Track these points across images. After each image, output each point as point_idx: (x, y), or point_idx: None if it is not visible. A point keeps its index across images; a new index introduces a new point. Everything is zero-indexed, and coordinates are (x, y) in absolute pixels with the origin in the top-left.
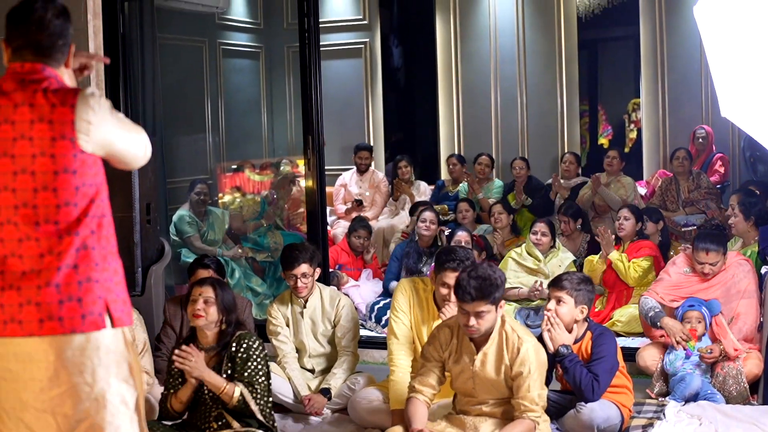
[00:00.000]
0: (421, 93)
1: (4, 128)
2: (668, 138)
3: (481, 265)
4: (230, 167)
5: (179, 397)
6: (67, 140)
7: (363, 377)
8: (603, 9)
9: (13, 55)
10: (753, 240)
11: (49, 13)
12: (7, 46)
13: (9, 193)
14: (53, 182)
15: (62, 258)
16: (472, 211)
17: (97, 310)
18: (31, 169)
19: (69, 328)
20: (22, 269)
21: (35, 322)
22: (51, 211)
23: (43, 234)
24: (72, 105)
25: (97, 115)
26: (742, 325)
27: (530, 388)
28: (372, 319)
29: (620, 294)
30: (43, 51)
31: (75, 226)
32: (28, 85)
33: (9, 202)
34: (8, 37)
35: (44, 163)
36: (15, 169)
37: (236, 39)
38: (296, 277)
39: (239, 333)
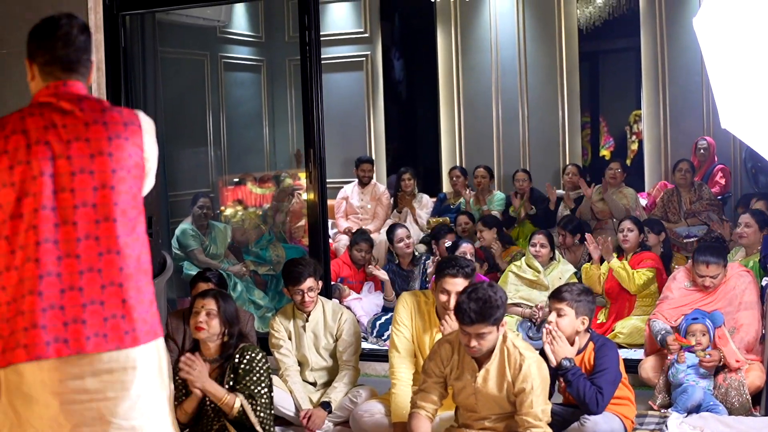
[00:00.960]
0: (422, 105)
1: (78, 146)
2: (670, 149)
3: (482, 285)
4: (232, 180)
5: (185, 408)
6: (139, 159)
7: (365, 390)
8: (604, 21)
9: (41, 72)
10: (755, 250)
11: (75, 29)
12: (31, 63)
13: (90, 208)
14: (129, 198)
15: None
16: (471, 224)
17: (156, 317)
18: (110, 183)
19: (146, 338)
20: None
21: (121, 334)
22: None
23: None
24: (139, 126)
25: (154, 138)
26: (744, 335)
27: (533, 404)
28: (373, 334)
29: (622, 305)
30: (72, 66)
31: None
32: (86, 103)
33: (90, 217)
34: (32, 55)
35: (123, 178)
36: (95, 185)
37: (238, 52)
38: (303, 292)
39: (242, 345)
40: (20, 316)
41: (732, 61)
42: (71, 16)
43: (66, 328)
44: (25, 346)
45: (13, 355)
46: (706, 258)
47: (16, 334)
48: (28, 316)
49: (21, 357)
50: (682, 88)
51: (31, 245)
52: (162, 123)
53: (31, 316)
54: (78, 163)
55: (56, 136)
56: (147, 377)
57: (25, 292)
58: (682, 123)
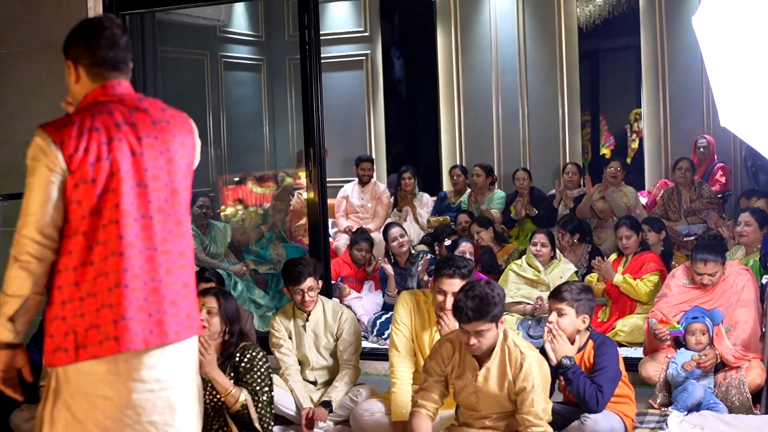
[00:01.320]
0: (422, 104)
1: (149, 142)
2: (670, 148)
3: (479, 283)
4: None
5: None
6: (191, 159)
7: (365, 389)
8: (604, 19)
9: (89, 73)
10: (755, 249)
11: (118, 30)
12: (75, 65)
13: (162, 204)
14: (186, 196)
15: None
16: (484, 230)
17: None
18: (177, 181)
19: (196, 328)
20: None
21: (191, 324)
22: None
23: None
24: (191, 127)
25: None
26: (740, 333)
27: (534, 402)
28: (374, 333)
29: (624, 305)
30: (119, 66)
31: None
32: (147, 102)
33: (163, 212)
34: (78, 57)
35: (185, 175)
36: (165, 181)
37: (237, 52)
38: (303, 292)
39: (243, 344)
40: (107, 309)
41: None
42: (109, 17)
43: (151, 319)
44: (116, 338)
45: (100, 349)
46: (704, 256)
47: (102, 327)
48: (116, 309)
49: (111, 349)
50: (682, 87)
51: (114, 240)
52: None
53: (119, 309)
54: (150, 159)
55: (129, 134)
56: (195, 367)
57: (111, 286)
58: (682, 121)
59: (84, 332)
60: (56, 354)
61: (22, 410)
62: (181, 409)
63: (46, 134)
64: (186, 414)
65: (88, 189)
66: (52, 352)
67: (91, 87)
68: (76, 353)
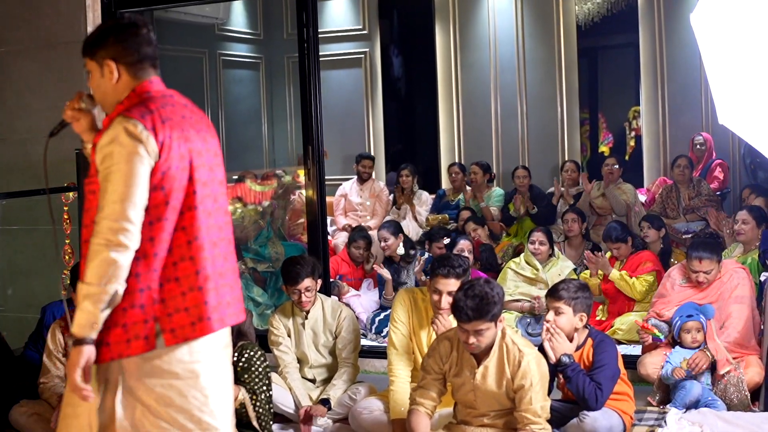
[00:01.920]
0: (421, 102)
1: (201, 137)
2: (668, 145)
3: (478, 282)
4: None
5: None
6: (219, 152)
7: (364, 387)
8: (602, 17)
9: (130, 70)
10: (754, 246)
11: (149, 29)
12: (117, 64)
13: (216, 197)
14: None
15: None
16: (480, 228)
17: None
18: (221, 174)
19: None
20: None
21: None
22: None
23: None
24: (210, 122)
25: None
26: (732, 330)
27: (533, 400)
28: (372, 331)
29: (622, 304)
30: (155, 63)
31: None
32: (179, 96)
33: (219, 205)
34: (119, 55)
35: (222, 169)
36: (215, 175)
37: (236, 50)
38: (300, 292)
39: (242, 343)
40: (196, 292)
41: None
42: (139, 17)
43: (224, 301)
44: (208, 319)
45: (192, 330)
46: (699, 254)
47: (192, 310)
48: (203, 292)
49: (204, 330)
50: (680, 84)
51: (193, 225)
52: None
53: (205, 292)
54: (205, 154)
55: (190, 127)
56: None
57: (197, 269)
58: (680, 119)
59: (167, 317)
60: (132, 343)
61: (21, 406)
62: (228, 391)
63: (136, 121)
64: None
65: (172, 177)
66: (126, 342)
67: (133, 84)
68: (162, 338)
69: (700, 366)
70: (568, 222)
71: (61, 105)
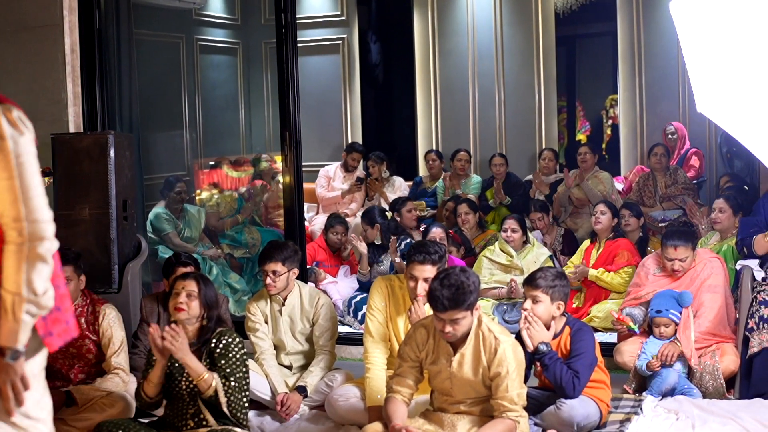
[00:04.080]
0: (398, 89)
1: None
2: (645, 134)
3: (454, 271)
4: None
5: (150, 378)
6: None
7: (340, 374)
8: (580, 5)
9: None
10: (730, 234)
11: None
12: None
13: None
14: None
15: None
16: (473, 214)
17: None
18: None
19: None
20: None
21: None
22: None
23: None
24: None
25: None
26: (704, 319)
27: (509, 387)
28: (350, 314)
29: (598, 291)
30: None
31: None
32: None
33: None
34: None
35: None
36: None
37: (213, 35)
38: (266, 273)
39: (220, 330)
40: None
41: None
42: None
43: None
44: None
45: None
46: (674, 242)
47: None
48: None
49: None
50: (658, 73)
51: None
52: (137, 106)
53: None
54: None
55: None
56: None
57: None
58: (657, 107)
59: None
60: None
61: None
62: None
63: (15, 107)
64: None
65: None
66: None
67: None
68: None
69: (669, 358)
70: (535, 221)
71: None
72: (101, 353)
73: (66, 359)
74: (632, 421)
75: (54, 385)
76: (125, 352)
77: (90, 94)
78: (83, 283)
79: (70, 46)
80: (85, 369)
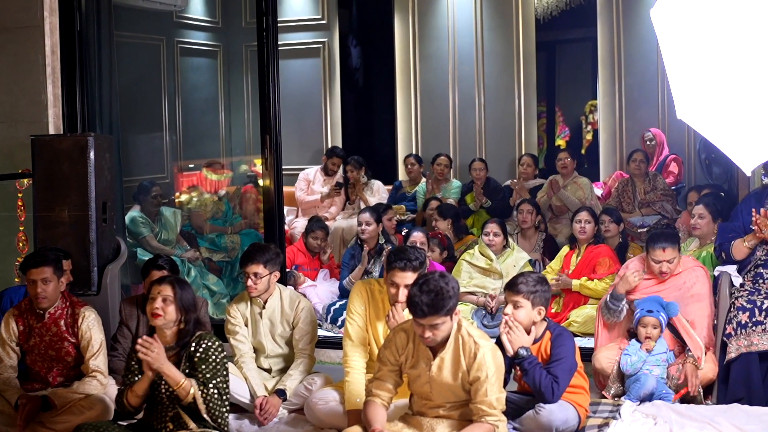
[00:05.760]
0: (379, 93)
1: None
2: (625, 139)
3: (433, 276)
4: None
5: (135, 390)
6: None
7: (320, 377)
8: (561, 11)
9: None
10: (709, 240)
11: None
12: None
13: None
14: None
15: None
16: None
17: None
18: None
19: None
20: None
21: None
22: None
23: None
24: None
25: None
26: (699, 330)
27: (488, 392)
28: (328, 321)
29: (577, 296)
30: None
31: None
32: None
33: None
34: None
35: None
36: None
37: (194, 37)
38: (247, 275)
39: (199, 333)
40: None
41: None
42: None
43: None
44: None
45: None
46: (662, 244)
47: None
48: None
49: None
50: (637, 79)
51: None
52: (117, 108)
53: None
54: None
55: None
56: None
57: None
58: (637, 113)
59: None
60: None
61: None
62: None
63: None
64: None
65: None
66: None
67: None
68: None
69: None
70: (523, 212)
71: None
72: (80, 356)
73: (45, 362)
74: (610, 426)
75: (33, 387)
76: (104, 354)
77: (70, 95)
78: (63, 285)
79: (50, 48)
80: (64, 372)
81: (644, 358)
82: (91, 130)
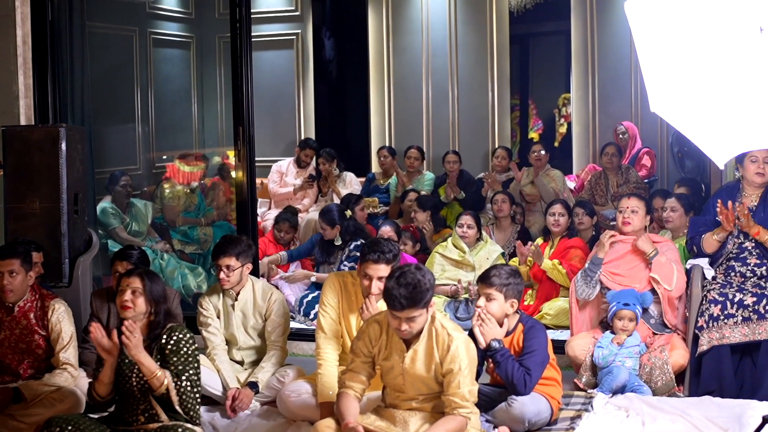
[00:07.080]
0: (352, 85)
1: None
2: (598, 133)
3: (410, 269)
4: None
5: (101, 379)
6: None
7: (292, 370)
8: (535, 4)
9: None
10: (681, 233)
11: None
12: None
13: None
14: None
15: None
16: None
17: None
18: None
19: None
20: None
21: None
22: None
23: None
24: None
25: None
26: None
27: (461, 384)
28: (300, 313)
29: (550, 289)
30: None
31: None
32: None
33: None
34: None
35: None
36: None
37: (167, 28)
38: (219, 268)
39: (170, 325)
40: None
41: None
42: None
43: None
44: None
45: None
46: (628, 194)
47: None
48: None
49: None
50: (610, 73)
51: None
52: (89, 99)
53: None
54: None
55: None
56: None
57: None
58: (610, 106)
59: None
60: None
61: None
62: None
63: None
64: None
65: None
66: None
67: None
68: None
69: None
70: (498, 202)
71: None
72: (51, 348)
73: (15, 354)
74: (583, 418)
75: (3, 380)
76: (74, 347)
77: (42, 86)
78: (32, 279)
79: (21, 38)
80: (34, 364)
81: (615, 351)
82: (62, 121)
